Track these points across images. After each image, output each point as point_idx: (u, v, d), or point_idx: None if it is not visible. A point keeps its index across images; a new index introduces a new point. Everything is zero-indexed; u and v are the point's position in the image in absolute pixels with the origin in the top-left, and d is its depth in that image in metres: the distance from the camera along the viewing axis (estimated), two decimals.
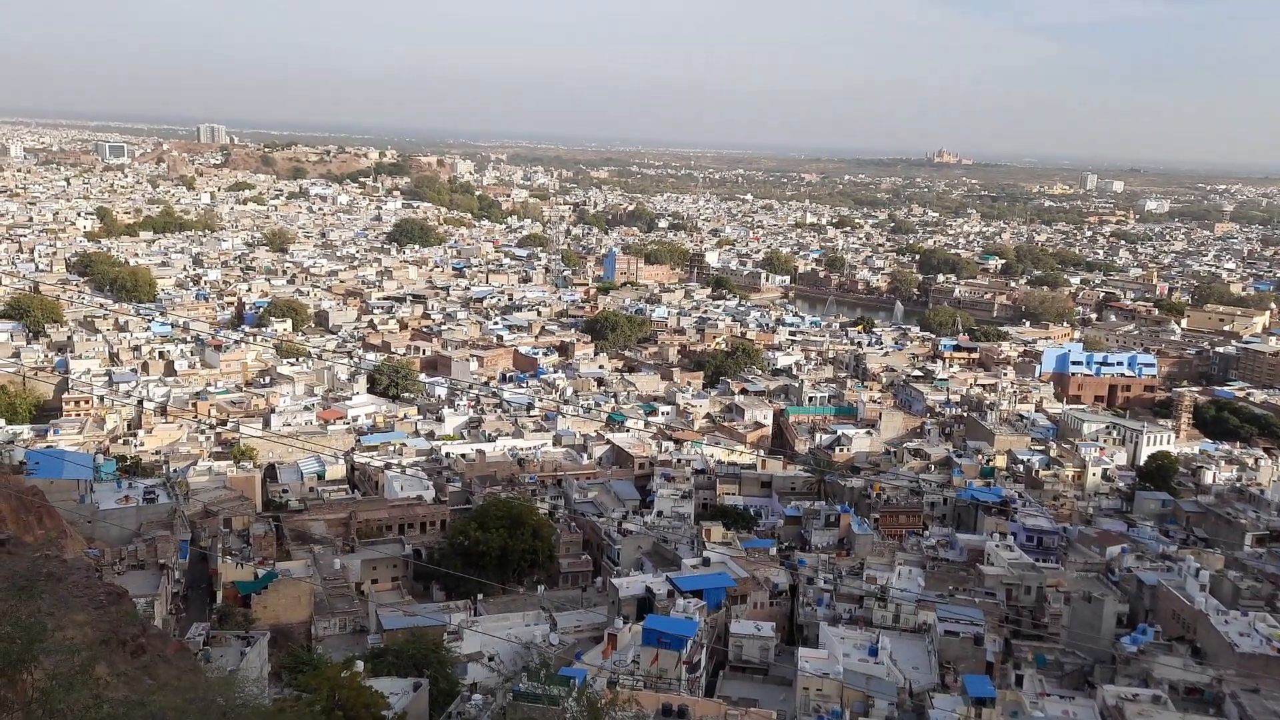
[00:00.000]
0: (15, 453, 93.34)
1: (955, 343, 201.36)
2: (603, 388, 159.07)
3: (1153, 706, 58.89)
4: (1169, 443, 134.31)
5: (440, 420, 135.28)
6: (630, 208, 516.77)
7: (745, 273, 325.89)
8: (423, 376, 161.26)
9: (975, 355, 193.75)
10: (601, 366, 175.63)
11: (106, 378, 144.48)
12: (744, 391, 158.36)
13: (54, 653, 20.89)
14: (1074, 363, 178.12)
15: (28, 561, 34.90)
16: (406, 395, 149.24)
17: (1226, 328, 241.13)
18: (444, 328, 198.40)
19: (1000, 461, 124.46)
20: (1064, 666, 69.69)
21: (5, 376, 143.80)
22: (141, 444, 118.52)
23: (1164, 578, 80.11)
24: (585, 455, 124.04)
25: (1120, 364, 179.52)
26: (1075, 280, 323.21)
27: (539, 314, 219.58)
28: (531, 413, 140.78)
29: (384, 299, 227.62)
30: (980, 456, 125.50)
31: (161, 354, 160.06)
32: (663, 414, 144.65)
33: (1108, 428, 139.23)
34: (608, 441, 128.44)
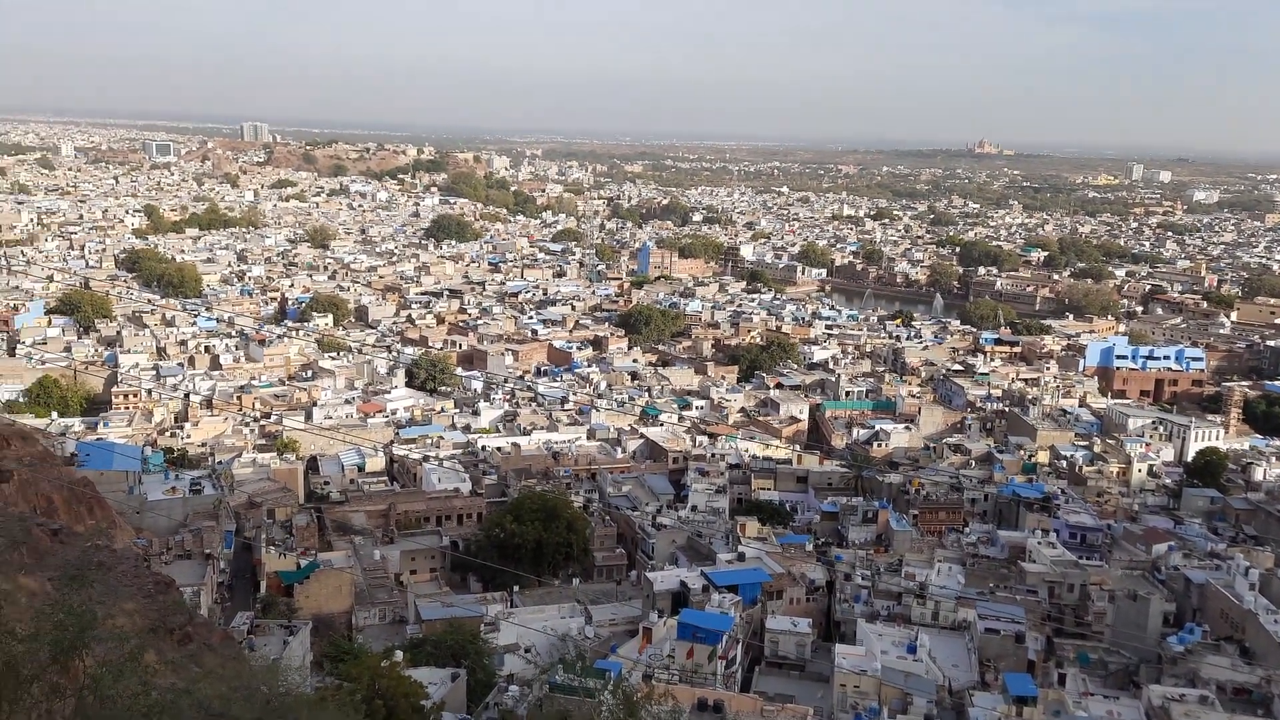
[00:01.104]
0: (67, 445, 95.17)
1: (996, 336, 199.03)
2: (636, 382, 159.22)
3: (1200, 707, 57.94)
4: (1218, 438, 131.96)
5: (476, 414, 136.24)
6: (664, 202, 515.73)
7: (781, 266, 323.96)
8: (459, 370, 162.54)
9: (1017, 349, 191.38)
10: (635, 361, 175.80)
11: (154, 372, 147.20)
12: (779, 386, 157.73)
13: (105, 640, 21.39)
14: (1119, 357, 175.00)
15: (79, 551, 35.76)
16: (443, 389, 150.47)
17: (1278, 320, 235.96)
18: (480, 322, 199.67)
19: (1043, 457, 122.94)
20: (1108, 666, 68.78)
21: (57, 370, 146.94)
22: (188, 436, 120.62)
23: (1212, 576, 78.71)
24: (619, 449, 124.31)
25: (1167, 358, 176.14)
26: (1120, 273, 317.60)
27: (573, 308, 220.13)
28: (566, 406, 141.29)
29: (421, 294, 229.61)
30: (1022, 452, 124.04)
31: (207, 348, 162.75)
32: (697, 408, 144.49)
33: (1154, 423, 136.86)
34: (642, 436, 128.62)
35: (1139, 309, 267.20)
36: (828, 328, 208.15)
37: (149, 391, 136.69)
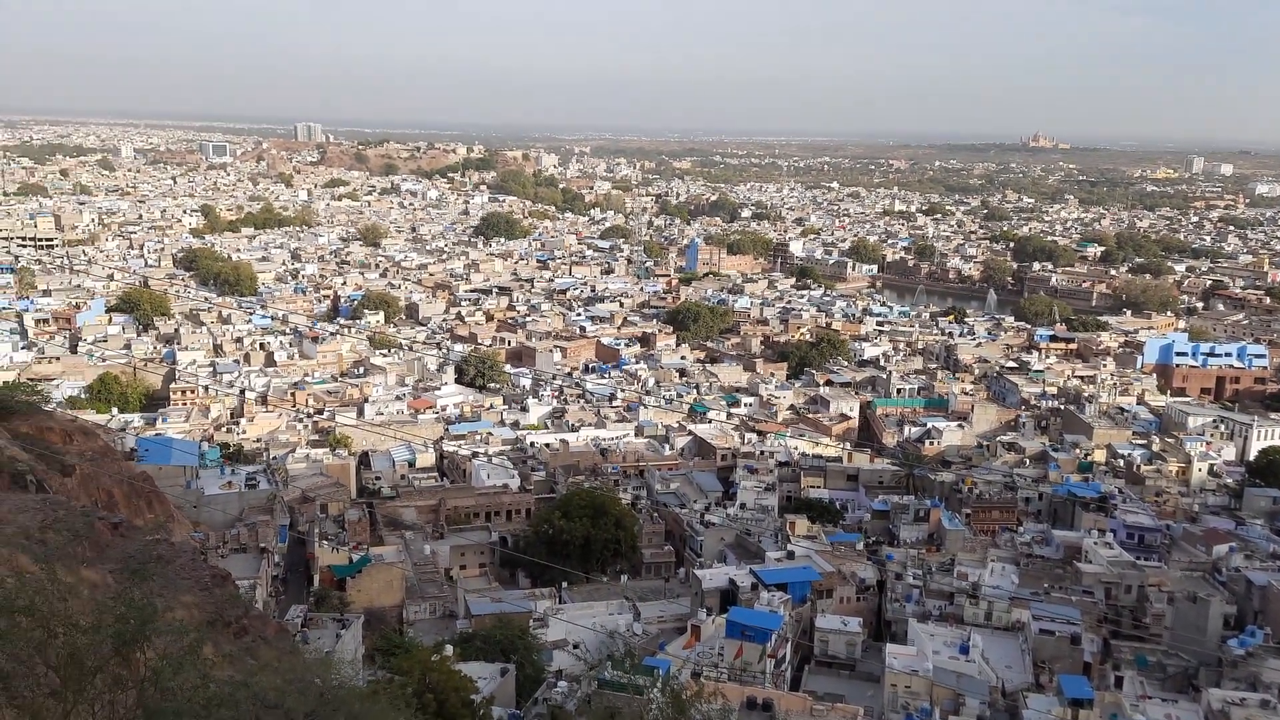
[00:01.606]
0: (127, 440, 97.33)
1: (1052, 333, 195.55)
2: (685, 379, 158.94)
3: (1261, 712, 56.57)
4: None
5: (525, 410, 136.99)
6: (713, 198, 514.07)
7: (831, 262, 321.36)
8: (508, 367, 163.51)
9: (1073, 346, 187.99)
10: (684, 357, 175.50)
11: (211, 368, 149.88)
12: (829, 383, 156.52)
13: (164, 633, 21.76)
14: (1178, 354, 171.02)
15: (139, 544, 36.49)
16: (492, 385, 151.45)
17: None
18: (528, 319, 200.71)
19: (1099, 456, 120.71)
20: (1166, 669, 67.36)
21: (118, 367, 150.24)
22: (243, 432, 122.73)
23: (1274, 578, 76.75)
24: (667, 446, 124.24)
25: (1228, 355, 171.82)
26: (1180, 268, 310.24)
27: (621, 305, 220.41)
28: (614, 403, 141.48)
29: (471, 291, 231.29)
30: (1078, 451, 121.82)
31: (262, 345, 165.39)
32: (745, 405, 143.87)
33: (1215, 421, 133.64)
34: (690, 432, 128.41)
35: (1199, 305, 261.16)
36: (879, 324, 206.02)
37: (206, 388, 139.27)
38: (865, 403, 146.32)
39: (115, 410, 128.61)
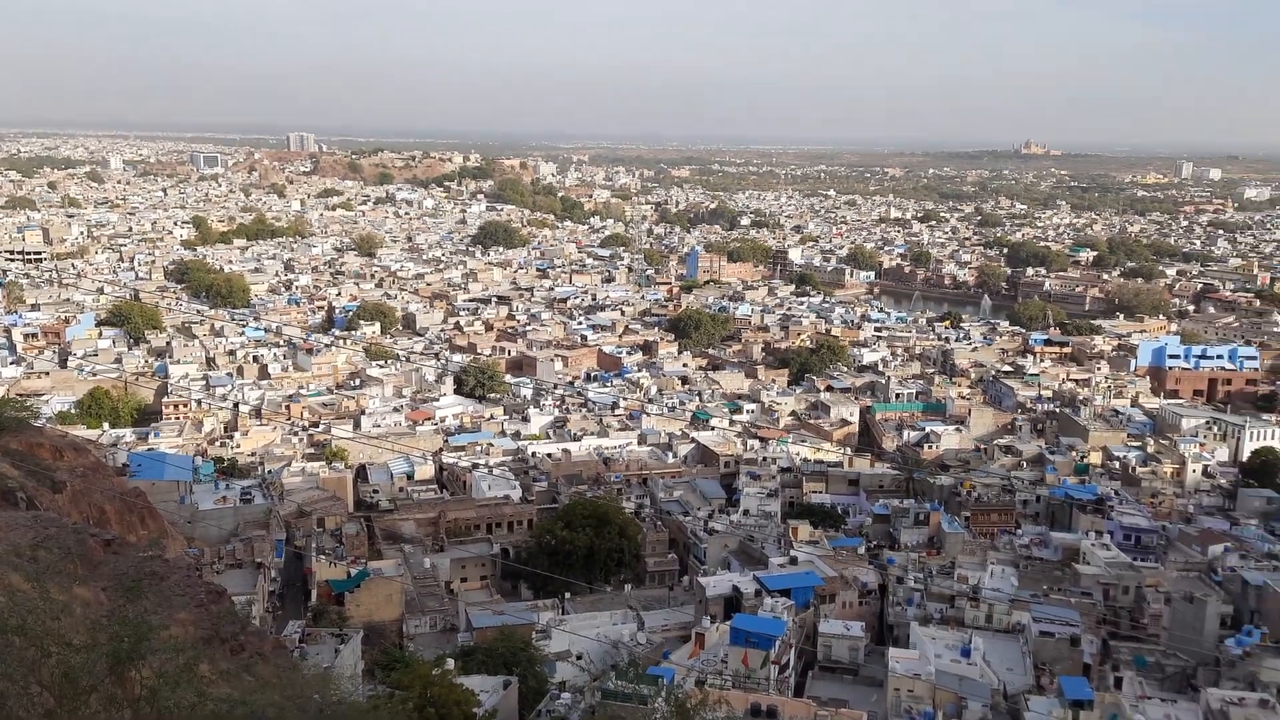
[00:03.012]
0: (119, 455, 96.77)
1: (1046, 337, 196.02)
2: (687, 386, 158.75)
3: (1260, 711, 56.45)
4: (1274, 438, 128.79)
5: (526, 420, 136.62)
6: (712, 206, 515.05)
7: (829, 269, 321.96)
8: (508, 377, 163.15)
9: (1067, 349, 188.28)
10: (685, 365, 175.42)
11: (204, 382, 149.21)
12: (829, 389, 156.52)
13: (160, 651, 21.51)
14: (1171, 356, 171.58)
15: (133, 561, 36.16)
16: (492, 396, 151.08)
17: None
18: (528, 328, 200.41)
19: (1095, 458, 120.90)
20: (1165, 669, 67.33)
21: (108, 382, 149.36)
22: (238, 446, 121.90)
23: (1270, 577, 76.69)
24: (670, 454, 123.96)
25: (1220, 357, 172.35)
26: (1171, 272, 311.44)
27: (622, 313, 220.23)
28: (616, 412, 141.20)
29: (469, 301, 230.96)
30: (1074, 453, 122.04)
31: (256, 358, 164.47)
32: (747, 412, 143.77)
33: (1208, 423, 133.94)
34: (692, 440, 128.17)
35: (1191, 308, 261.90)
36: (877, 330, 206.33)
37: (199, 402, 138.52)
38: (865, 407, 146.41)
39: (106, 425, 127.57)
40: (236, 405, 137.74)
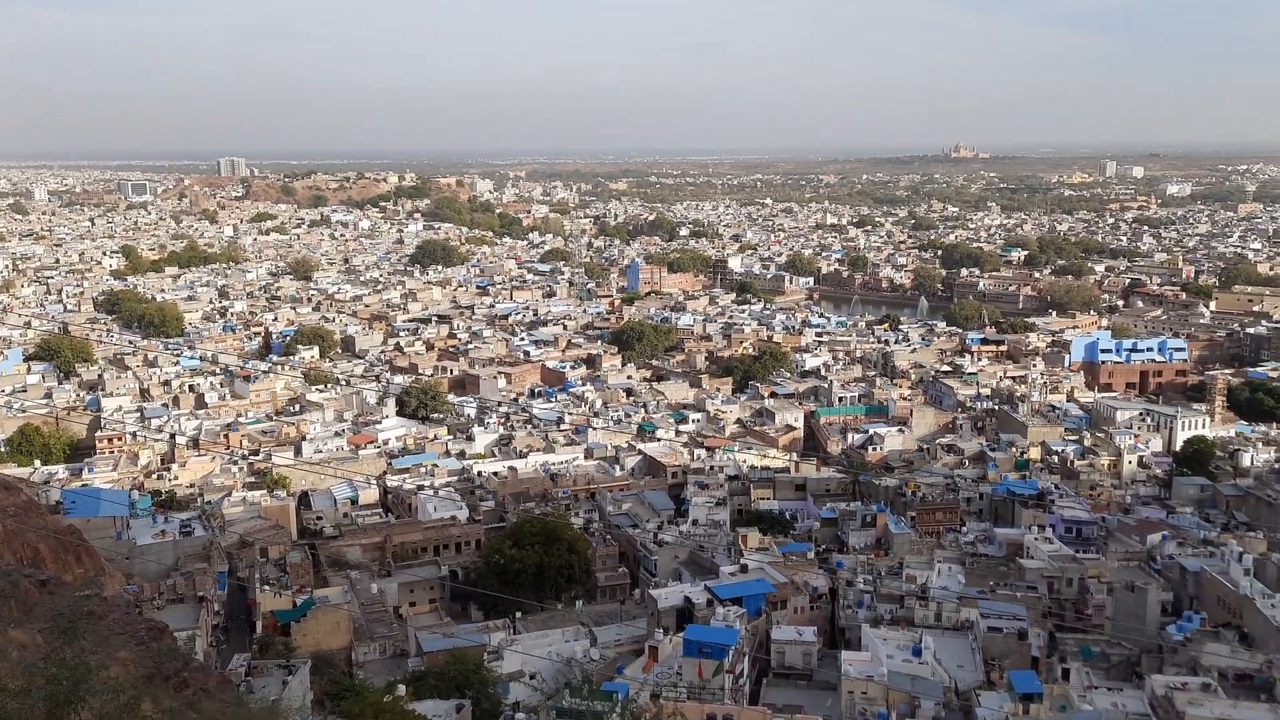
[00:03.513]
0: (51, 493, 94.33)
1: (982, 336, 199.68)
2: (632, 398, 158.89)
3: (1203, 695, 57.97)
4: (1204, 427, 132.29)
5: (471, 439, 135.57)
6: (651, 217, 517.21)
7: (769, 276, 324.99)
8: (451, 396, 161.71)
9: (1003, 348, 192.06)
10: (630, 377, 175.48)
11: (138, 414, 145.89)
12: (773, 395, 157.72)
13: (100, 692, 20.94)
14: (1103, 350, 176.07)
15: (69, 601, 35.17)
16: (436, 416, 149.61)
17: (1256, 308, 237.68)
18: (470, 346, 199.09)
19: (1034, 453, 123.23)
20: (1110, 658, 68.79)
21: (39, 418, 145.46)
22: (175, 478, 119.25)
23: (1207, 564, 78.97)
24: (618, 467, 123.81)
25: (1150, 349, 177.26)
26: (1100, 268, 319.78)
27: (565, 328, 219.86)
28: (562, 427, 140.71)
29: (409, 321, 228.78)
30: (1014, 449, 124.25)
31: (191, 387, 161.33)
32: (693, 421, 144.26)
33: (1141, 414, 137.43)
34: (639, 452, 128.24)
35: (1120, 303, 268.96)
36: (818, 335, 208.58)
37: (133, 434, 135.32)
38: (809, 412, 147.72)
39: (38, 463, 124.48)
40: (173, 436, 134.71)
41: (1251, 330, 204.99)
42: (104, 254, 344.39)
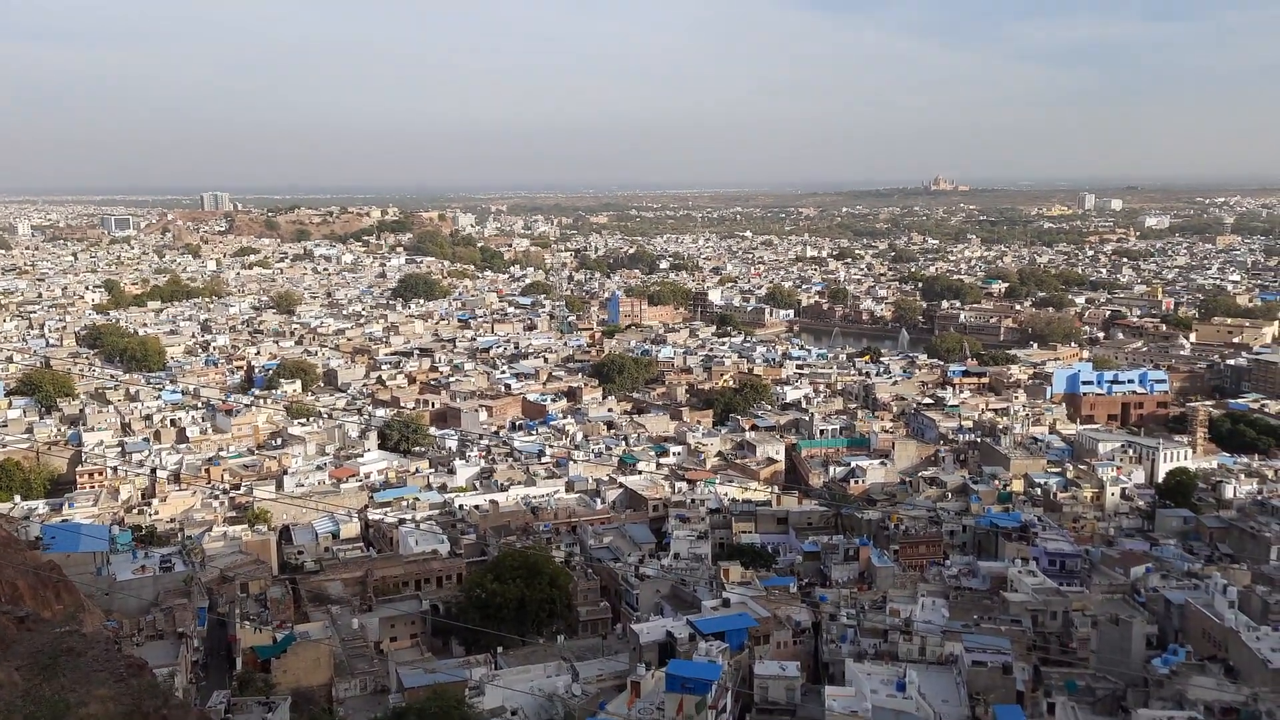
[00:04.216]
0: (31, 528, 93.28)
1: (964, 368, 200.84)
2: (613, 431, 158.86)
3: None
4: (1186, 458, 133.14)
5: (452, 472, 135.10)
6: (631, 251, 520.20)
7: (749, 309, 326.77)
8: (433, 429, 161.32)
9: (985, 380, 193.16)
10: (610, 410, 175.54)
11: (119, 448, 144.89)
12: (754, 428, 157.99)
13: None
14: (1085, 382, 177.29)
15: (48, 638, 34.83)
16: (418, 449, 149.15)
17: (1236, 340, 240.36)
18: (452, 380, 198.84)
19: (1017, 486, 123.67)
20: (1095, 692, 68.47)
21: (19, 453, 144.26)
22: (156, 513, 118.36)
23: (1191, 596, 78.92)
24: (599, 500, 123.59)
25: (1131, 381, 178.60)
26: (1080, 300, 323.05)
27: (545, 361, 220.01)
28: (543, 460, 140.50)
29: (391, 354, 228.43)
30: (997, 482, 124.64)
31: (173, 422, 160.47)
32: (674, 454, 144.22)
33: (1123, 446, 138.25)
34: (620, 485, 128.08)
35: (1101, 335, 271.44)
36: (798, 367, 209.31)
37: (114, 469, 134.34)
38: (790, 445, 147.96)
39: (18, 498, 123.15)
40: (154, 471, 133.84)
41: (1231, 361, 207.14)
42: (87, 288, 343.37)
